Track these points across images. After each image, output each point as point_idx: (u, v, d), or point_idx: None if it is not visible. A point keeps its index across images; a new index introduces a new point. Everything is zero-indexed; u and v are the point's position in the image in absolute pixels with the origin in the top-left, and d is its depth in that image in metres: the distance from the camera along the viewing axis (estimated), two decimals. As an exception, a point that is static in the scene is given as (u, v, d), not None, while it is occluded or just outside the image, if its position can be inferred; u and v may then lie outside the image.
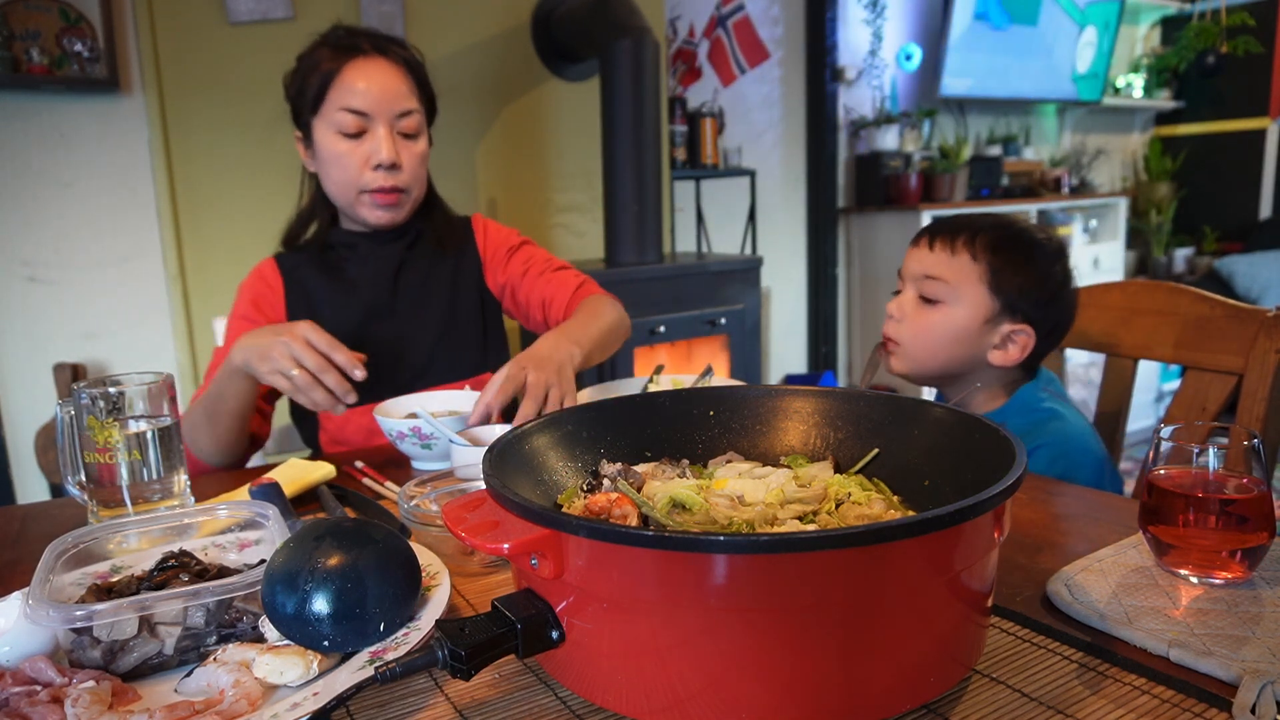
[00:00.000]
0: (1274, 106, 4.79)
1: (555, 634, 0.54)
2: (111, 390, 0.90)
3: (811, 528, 0.62)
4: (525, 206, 2.89)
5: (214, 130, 2.30)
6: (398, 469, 1.13)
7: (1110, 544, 0.76)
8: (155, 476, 0.91)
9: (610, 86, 2.63)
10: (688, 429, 0.80)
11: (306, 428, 1.46)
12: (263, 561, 0.68)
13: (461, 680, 0.54)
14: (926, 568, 0.50)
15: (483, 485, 0.59)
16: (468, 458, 0.97)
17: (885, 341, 1.22)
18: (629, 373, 2.68)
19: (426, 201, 1.46)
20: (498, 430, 1.06)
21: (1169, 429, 0.72)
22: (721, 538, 0.46)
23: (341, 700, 0.52)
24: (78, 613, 0.59)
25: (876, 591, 0.49)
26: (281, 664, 0.58)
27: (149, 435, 0.91)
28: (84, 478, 0.91)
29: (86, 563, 0.75)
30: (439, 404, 1.23)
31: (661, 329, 2.78)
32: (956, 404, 1.20)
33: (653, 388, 1.26)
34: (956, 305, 1.15)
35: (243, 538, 0.80)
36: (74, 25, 2.16)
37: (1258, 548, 0.67)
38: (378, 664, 0.56)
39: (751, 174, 3.54)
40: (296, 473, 1.04)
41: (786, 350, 4.10)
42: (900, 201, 3.90)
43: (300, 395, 1.07)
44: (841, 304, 4.18)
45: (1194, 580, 0.68)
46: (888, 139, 3.98)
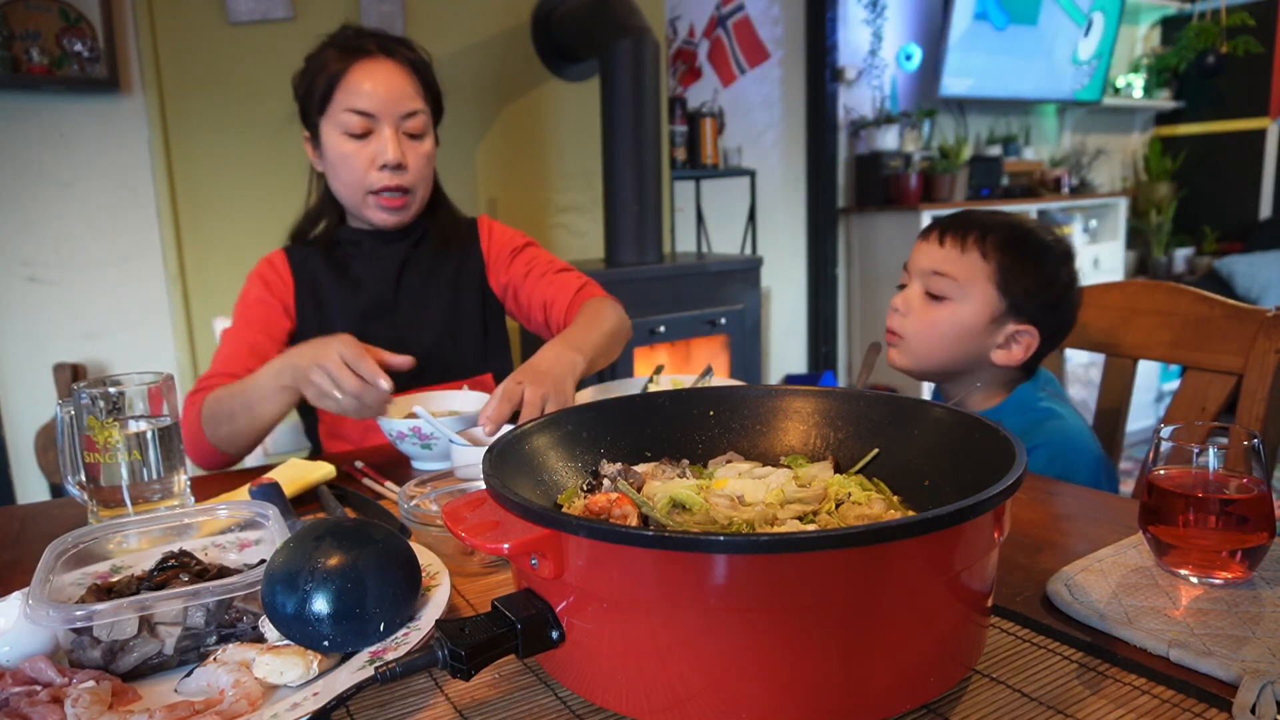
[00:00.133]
0: (1274, 106, 4.79)
1: (555, 634, 0.54)
2: (111, 390, 0.90)
3: (811, 528, 0.62)
4: (525, 206, 2.89)
5: (214, 130, 2.30)
6: (398, 469, 1.13)
7: (1110, 544, 0.76)
8: (155, 476, 0.91)
9: (610, 86, 2.63)
10: (688, 429, 0.80)
11: (307, 419, 1.48)
12: (263, 561, 0.68)
13: (461, 680, 0.54)
14: (926, 568, 0.50)
15: (483, 485, 0.59)
16: (468, 458, 0.97)
17: (888, 334, 1.22)
18: (629, 373, 2.68)
19: (432, 201, 1.47)
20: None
21: (1169, 429, 0.72)
22: (721, 538, 0.46)
23: (341, 700, 0.52)
24: (78, 613, 0.59)
25: (876, 591, 0.49)
26: (281, 664, 0.58)
27: (149, 435, 0.91)
28: (84, 478, 0.91)
29: (86, 563, 0.75)
30: (439, 404, 1.23)
31: (661, 329, 2.78)
32: (956, 403, 1.20)
33: (653, 388, 1.26)
34: (964, 303, 1.15)
35: (243, 538, 0.80)
36: (74, 25, 2.16)
37: (1258, 548, 0.67)
38: (378, 664, 0.56)
39: (751, 174, 3.54)
40: (296, 473, 1.04)
41: (786, 350, 4.10)
42: (900, 201, 3.90)
43: (350, 414, 1.08)
44: (841, 304, 4.18)
45: (1194, 580, 0.68)
46: (888, 139, 3.98)
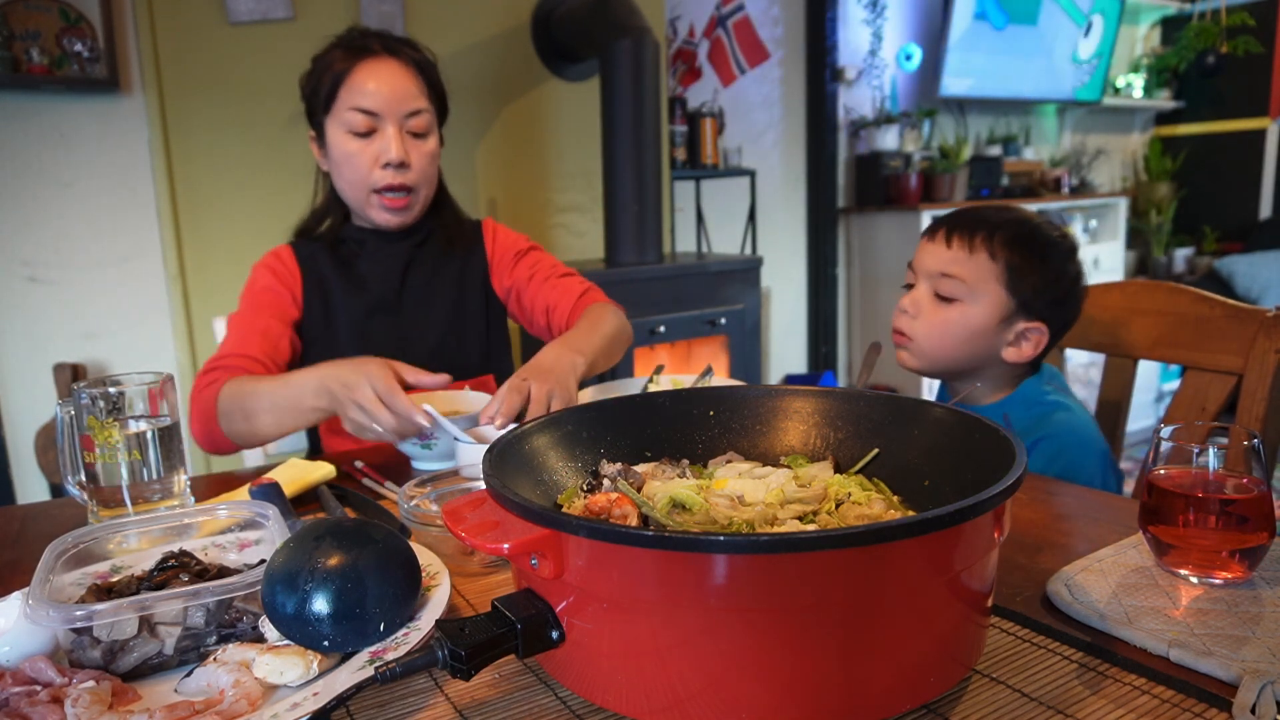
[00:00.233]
0: (1274, 106, 4.79)
1: (555, 634, 0.54)
2: (111, 390, 0.90)
3: (811, 528, 0.62)
4: (525, 206, 2.89)
5: (214, 130, 2.30)
6: (398, 469, 1.13)
7: (1110, 544, 0.76)
8: (155, 476, 0.91)
9: (610, 86, 2.63)
10: (688, 429, 0.80)
11: None
12: (263, 561, 0.68)
13: (461, 680, 0.54)
14: (926, 568, 0.50)
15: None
16: (474, 456, 0.97)
17: (896, 336, 1.21)
18: (629, 373, 2.68)
19: (437, 201, 1.48)
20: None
21: (1169, 429, 0.72)
22: (721, 538, 0.46)
23: (341, 700, 0.52)
24: (78, 613, 0.59)
25: (876, 591, 0.49)
26: (281, 664, 0.58)
27: (149, 435, 0.91)
28: (84, 478, 0.91)
29: (86, 563, 0.75)
30: (441, 404, 1.22)
31: (661, 329, 2.78)
32: (963, 398, 1.20)
33: (653, 388, 1.26)
34: (973, 304, 1.14)
35: (243, 538, 0.80)
36: (74, 25, 2.16)
37: (1258, 548, 0.67)
38: (378, 664, 0.56)
39: (751, 174, 3.54)
40: (296, 473, 1.04)
41: (786, 350, 4.10)
42: (900, 201, 3.90)
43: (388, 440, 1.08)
44: (841, 304, 4.18)
45: (1194, 580, 0.68)
46: (888, 139, 3.98)
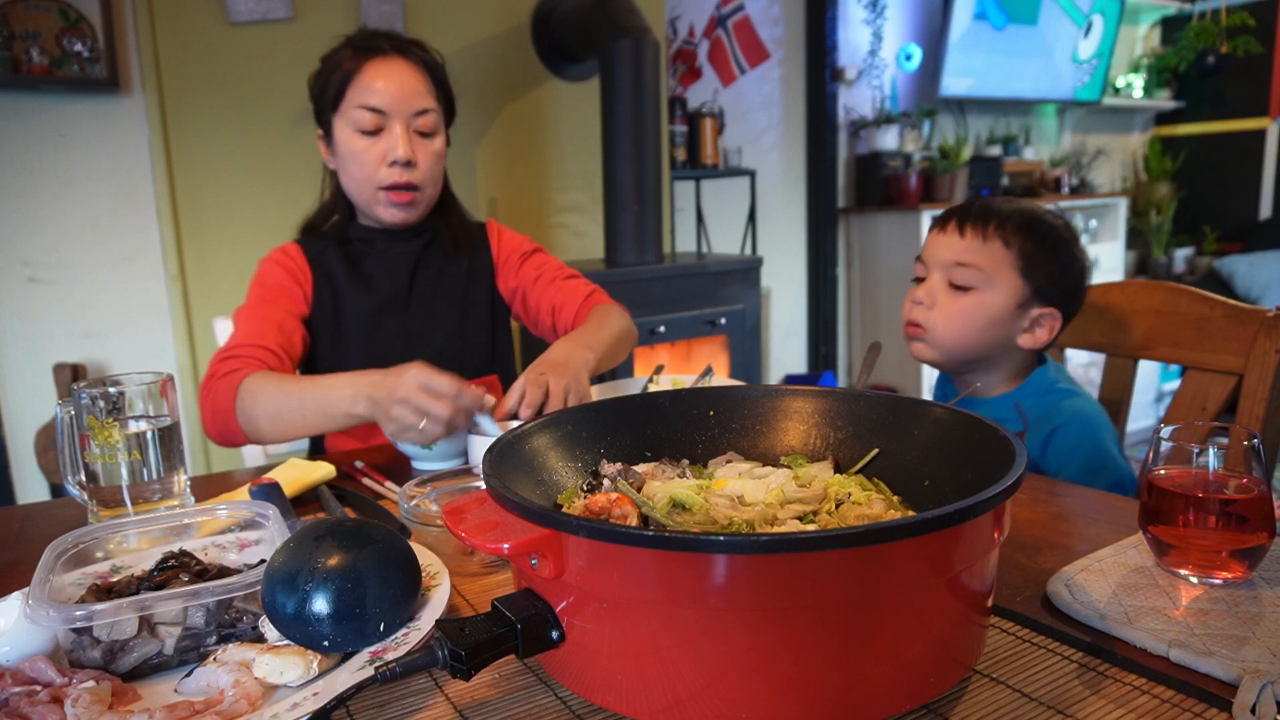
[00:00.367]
0: (1274, 106, 4.79)
1: (555, 634, 0.54)
2: (111, 390, 0.90)
3: (811, 528, 0.62)
4: (525, 206, 2.89)
5: (214, 130, 2.30)
6: (398, 469, 1.14)
7: (1110, 544, 0.76)
8: (155, 476, 0.91)
9: (610, 86, 2.63)
10: (688, 429, 0.80)
11: None
12: (263, 561, 0.68)
13: (461, 680, 0.54)
14: (926, 568, 0.50)
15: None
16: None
17: (909, 328, 1.21)
18: (629, 373, 2.67)
19: (442, 202, 1.49)
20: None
21: (1169, 429, 0.72)
22: (721, 538, 0.46)
23: (341, 700, 0.52)
24: (78, 613, 0.59)
25: (876, 591, 0.49)
26: (281, 664, 0.58)
27: (149, 435, 0.91)
28: (84, 478, 0.91)
29: (86, 563, 0.75)
30: None
31: (661, 329, 2.78)
32: (972, 391, 1.21)
33: (653, 388, 1.26)
34: (990, 291, 1.15)
35: (243, 538, 0.80)
36: (74, 25, 2.16)
37: (1258, 548, 0.67)
38: (378, 664, 0.56)
39: (751, 174, 3.54)
40: (296, 473, 1.04)
41: (786, 350, 4.10)
42: (900, 201, 3.90)
43: (431, 440, 1.05)
44: (841, 304, 4.18)
45: (1194, 580, 0.68)
46: (888, 139, 3.98)
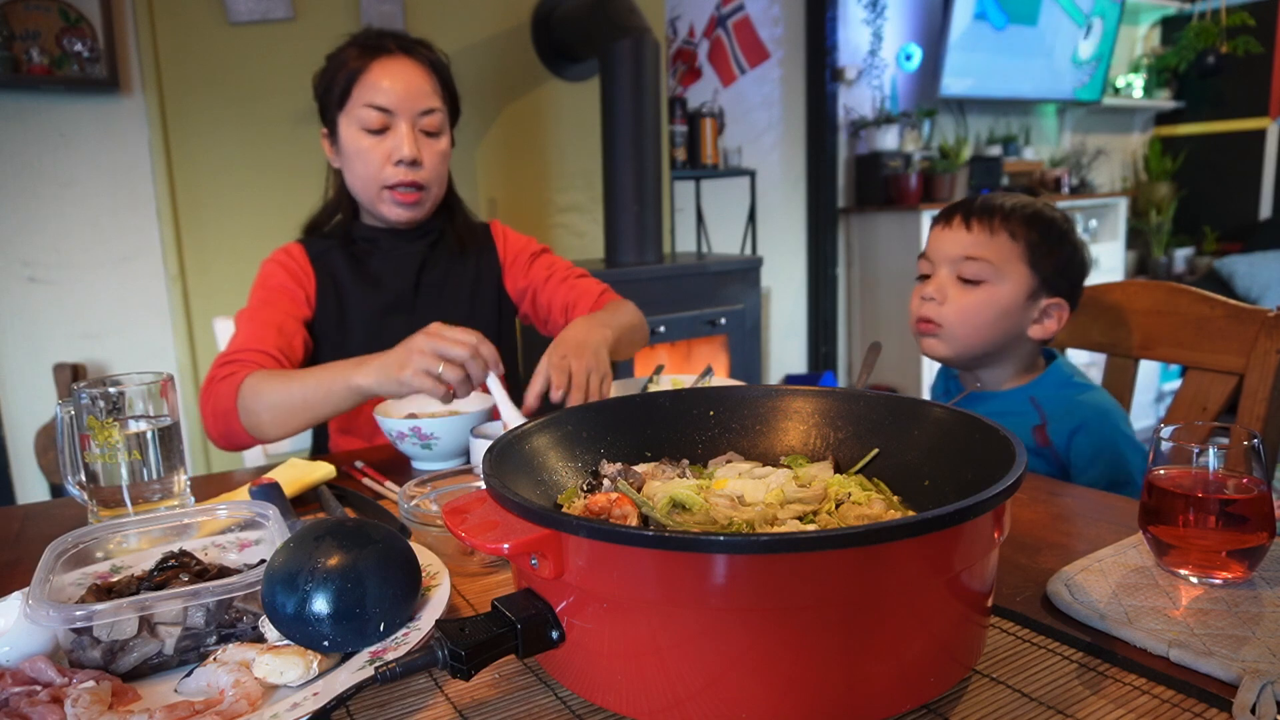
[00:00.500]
0: (1274, 106, 4.79)
1: (555, 634, 0.54)
2: (111, 390, 0.90)
3: (811, 528, 0.62)
4: (525, 206, 2.89)
5: (214, 130, 2.30)
6: (398, 469, 1.13)
7: (1110, 544, 0.76)
8: (155, 476, 0.91)
9: (610, 86, 2.63)
10: (688, 429, 0.80)
11: None
12: (263, 561, 0.68)
13: (461, 680, 0.54)
14: (926, 568, 0.50)
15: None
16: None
17: (922, 324, 1.21)
18: (629, 373, 2.68)
19: (447, 202, 1.49)
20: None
21: (1169, 429, 0.72)
22: (721, 538, 0.46)
23: (341, 700, 0.52)
24: (78, 613, 0.59)
25: (876, 591, 0.49)
26: (281, 664, 0.58)
27: (149, 435, 0.91)
28: (84, 478, 0.91)
29: (86, 563, 0.75)
30: (440, 403, 1.22)
31: (661, 329, 2.78)
32: (981, 385, 1.22)
33: (653, 388, 1.26)
34: (1000, 284, 1.16)
35: (243, 538, 0.80)
36: (74, 25, 2.16)
37: (1258, 548, 0.67)
38: (378, 664, 0.56)
39: (751, 174, 3.54)
40: (296, 473, 1.04)
41: (786, 350, 4.10)
42: (900, 201, 3.90)
43: (453, 383, 1.04)
44: (841, 304, 4.18)
45: (1194, 580, 0.68)
46: (888, 139, 3.98)
